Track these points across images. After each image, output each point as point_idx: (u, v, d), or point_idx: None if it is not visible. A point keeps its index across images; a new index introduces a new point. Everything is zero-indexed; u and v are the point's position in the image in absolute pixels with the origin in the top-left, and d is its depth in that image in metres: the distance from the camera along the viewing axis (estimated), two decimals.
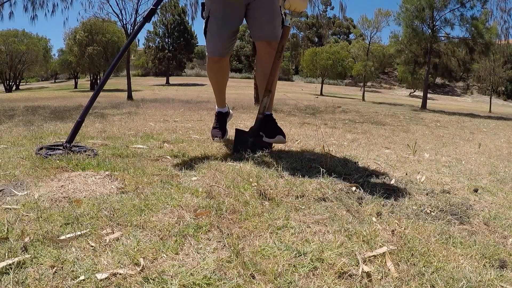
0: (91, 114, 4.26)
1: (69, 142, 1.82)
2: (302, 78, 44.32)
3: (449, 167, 2.04)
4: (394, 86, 43.23)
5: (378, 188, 1.48)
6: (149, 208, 1.13)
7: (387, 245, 0.95)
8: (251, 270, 0.80)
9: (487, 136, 4.27)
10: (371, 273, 0.82)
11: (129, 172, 1.50)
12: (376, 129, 4.07)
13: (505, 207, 1.35)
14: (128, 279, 0.75)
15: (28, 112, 4.53)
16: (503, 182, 1.76)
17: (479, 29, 13.85)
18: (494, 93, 32.07)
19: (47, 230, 0.94)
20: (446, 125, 5.70)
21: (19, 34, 32.00)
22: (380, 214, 1.18)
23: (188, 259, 0.85)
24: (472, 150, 2.83)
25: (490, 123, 7.49)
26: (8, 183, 1.32)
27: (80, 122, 1.87)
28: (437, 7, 14.32)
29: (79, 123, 1.87)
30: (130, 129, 2.79)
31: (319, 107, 8.20)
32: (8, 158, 1.66)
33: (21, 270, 0.77)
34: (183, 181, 1.41)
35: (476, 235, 1.07)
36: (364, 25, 23.25)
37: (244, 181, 1.44)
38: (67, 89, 28.87)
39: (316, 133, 3.11)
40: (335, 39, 53.27)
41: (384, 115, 6.94)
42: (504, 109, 22.50)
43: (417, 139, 3.25)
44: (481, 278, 0.82)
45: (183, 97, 10.66)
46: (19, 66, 31.98)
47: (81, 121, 1.88)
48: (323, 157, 1.91)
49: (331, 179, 1.57)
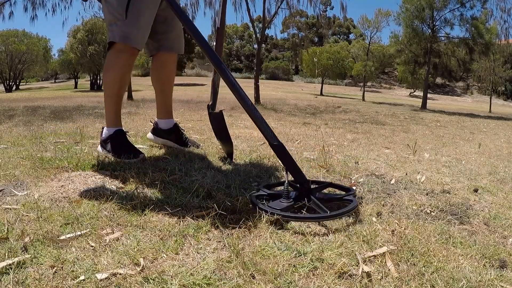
0: (91, 114, 4.26)
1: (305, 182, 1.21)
2: (302, 78, 44.32)
3: (449, 167, 2.04)
4: (394, 86, 43.24)
5: (378, 188, 1.48)
6: (149, 208, 1.13)
7: (387, 245, 0.95)
8: (251, 270, 0.80)
9: (487, 136, 4.27)
10: (371, 273, 0.82)
11: (129, 172, 1.50)
12: (376, 129, 4.07)
13: (505, 207, 1.35)
14: (128, 279, 0.75)
15: (28, 112, 4.53)
16: (503, 182, 1.76)
17: (479, 29, 13.85)
18: (494, 93, 32.07)
19: (47, 230, 0.94)
20: (446, 125, 5.70)
21: (19, 34, 31.99)
22: (380, 214, 1.18)
23: (188, 259, 0.85)
24: (472, 150, 2.83)
25: (490, 123, 7.49)
26: (8, 183, 1.32)
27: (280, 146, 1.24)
28: (437, 7, 14.31)
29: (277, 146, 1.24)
30: (130, 129, 2.79)
31: (319, 107, 8.20)
32: (8, 158, 1.66)
33: (21, 270, 0.77)
34: (183, 181, 1.41)
35: (476, 235, 1.07)
36: (364, 25, 23.22)
37: (244, 181, 1.44)
38: (67, 89, 28.86)
39: (316, 133, 3.11)
40: (335, 39, 53.30)
41: (384, 115, 6.94)
42: (504, 109, 22.49)
43: (417, 139, 3.25)
44: (481, 278, 0.82)
45: (183, 97, 10.66)
46: (19, 66, 31.98)
47: (280, 146, 1.24)
48: (323, 157, 1.91)
49: (331, 179, 1.57)
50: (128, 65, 1.79)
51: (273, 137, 1.23)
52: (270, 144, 1.23)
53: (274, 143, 1.22)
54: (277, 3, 9.86)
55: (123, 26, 1.66)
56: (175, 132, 2.06)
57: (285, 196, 1.15)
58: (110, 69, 1.77)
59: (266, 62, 47.75)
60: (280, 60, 50.19)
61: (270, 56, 50.39)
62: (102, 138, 1.81)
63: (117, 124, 1.83)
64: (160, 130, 2.07)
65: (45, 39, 36.16)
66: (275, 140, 1.22)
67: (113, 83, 1.79)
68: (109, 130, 1.80)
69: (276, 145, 1.21)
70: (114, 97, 1.81)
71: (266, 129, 1.23)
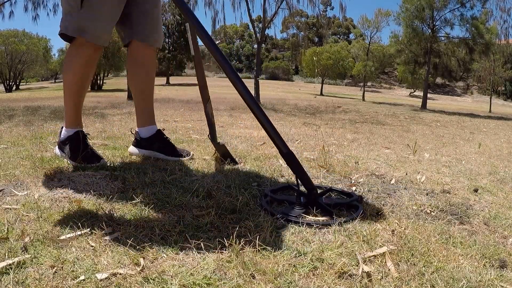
0: (91, 114, 4.26)
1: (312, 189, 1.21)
2: (302, 78, 44.31)
3: (449, 167, 2.04)
4: (394, 86, 43.24)
5: (378, 188, 1.48)
6: (149, 208, 1.13)
7: (387, 245, 0.95)
8: (251, 270, 0.80)
9: (487, 136, 4.27)
10: (371, 273, 0.82)
11: (129, 172, 1.50)
12: (376, 129, 4.07)
13: (505, 207, 1.35)
14: (128, 279, 0.75)
15: (28, 112, 4.53)
16: (503, 182, 1.76)
17: (479, 29, 13.85)
18: (494, 93, 32.07)
19: (47, 230, 0.94)
20: (446, 125, 5.70)
21: (19, 34, 31.99)
22: (380, 214, 1.18)
23: (188, 259, 0.85)
24: (472, 150, 2.83)
25: (490, 123, 7.49)
26: (8, 183, 1.32)
27: (290, 154, 1.25)
28: (437, 7, 14.32)
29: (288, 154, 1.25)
30: (130, 129, 2.79)
31: (319, 107, 8.20)
32: (8, 158, 1.66)
33: (21, 270, 0.77)
34: (183, 181, 1.41)
35: (476, 235, 1.07)
36: (364, 25, 23.22)
37: (244, 181, 1.44)
38: None
39: (316, 133, 3.11)
40: (335, 39, 53.32)
41: (384, 115, 6.94)
42: (504, 109, 22.49)
43: (417, 139, 3.25)
44: (481, 278, 0.82)
45: (183, 97, 10.66)
46: (19, 66, 31.98)
47: (290, 154, 1.25)
48: (323, 157, 1.91)
49: (331, 179, 1.57)
50: (90, 62, 1.60)
51: (284, 145, 1.25)
52: (280, 152, 1.26)
53: (284, 152, 1.24)
54: (277, 3, 9.87)
55: (78, 17, 1.48)
56: (158, 140, 1.80)
57: (298, 203, 1.18)
58: (69, 67, 1.59)
59: (266, 62, 47.76)
60: (280, 60, 50.20)
61: (270, 56, 50.38)
62: (61, 139, 1.66)
63: (78, 125, 1.67)
64: (142, 140, 1.81)
65: (45, 39, 36.19)
66: (286, 149, 1.24)
67: (72, 83, 1.61)
68: (68, 131, 1.64)
69: (286, 153, 1.24)
70: (74, 96, 1.64)
71: (277, 137, 1.25)
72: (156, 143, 1.79)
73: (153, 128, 1.83)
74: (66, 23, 1.51)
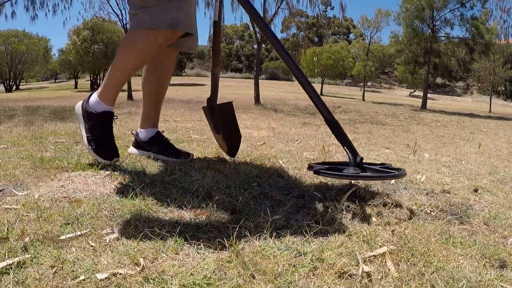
0: None
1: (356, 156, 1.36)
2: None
3: (449, 167, 2.04)
4: (394, 86, 43.23)
5: (378, 188, 1.48)
6: (149, 208, 1.13)
7: (387, 245, 0.95)
8: (251, 270, 0.80)
9: (487, 136, 4.27)
10: (371, 273, 0.82)
11: (129, 172, 1.50)
12: (376, 129, 4.07)
13: (505, 207, 1.35)
14: (128, 279, 0.75)
15: (28, 112, 4.53)
16: (503, 182, 1.76)
17: (479, 29, 13.86)
18: (494, 93, 32.07)
19: (47, 230, 0.94)
20: (446, 125, 5.70)
21: (19, 34, 32.00)
22: (380, 214, 1.18)
23: (188, 259, 0.85)
24: (472, 150, 2.82)
25: (490, 123, 7.49)
26: (8, 183, 1.32)
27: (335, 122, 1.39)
28: (437, 7, 14.32)
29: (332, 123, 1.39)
30: (130, 129, 2.79)
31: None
32: (8, 158, 1.66)
33: (21, 270, 0.77)
34: (183, 181, 1.41)
35: (476, 235, 1.07)
36: (364, 25, 23.20)
37: (244, 181, 1.44)
38: (67, 89, 28.86)
39: (316, 133, 3.11)
40: (335, 39, 53.32)
41: (384, 115, 6.95)
42: (504, 109, 22.49)
43: (417, 139, 3.25)
44: (481, 278, 0.82)
45: (183, 97, 10.66)
46: (19, 66, 31.99)
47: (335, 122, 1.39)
48: (323, 157, 1.91)
49: (331, 178, 1.57)
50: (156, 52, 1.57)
51: (328, 113, 1.35)
52: (325, 119, 1.36)
53: (328, 119, 1.34)
54: (277, 3, 9.86)
55: (167, 10, 1.43)
56: (158, 142, 1.81)
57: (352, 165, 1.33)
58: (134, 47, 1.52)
59: (266, 62, 47.74)
60: (280, 60, 50.13)
61: (270, 56, 50.39)
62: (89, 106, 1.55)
63: (112, 103, 1.58)
64: (141, 142, 1.83)
65: (45, 39, 36.19)
66: (330, 116, 1.35)
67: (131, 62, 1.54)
68: (100, 104, 1.54)
69: (330, 121, 1.35)
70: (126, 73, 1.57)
71: (323, 105, 1.35)
72: (156, 145, 1.80)
73: (153, 130, 1.83)
74: (144, 18, 1.44)
